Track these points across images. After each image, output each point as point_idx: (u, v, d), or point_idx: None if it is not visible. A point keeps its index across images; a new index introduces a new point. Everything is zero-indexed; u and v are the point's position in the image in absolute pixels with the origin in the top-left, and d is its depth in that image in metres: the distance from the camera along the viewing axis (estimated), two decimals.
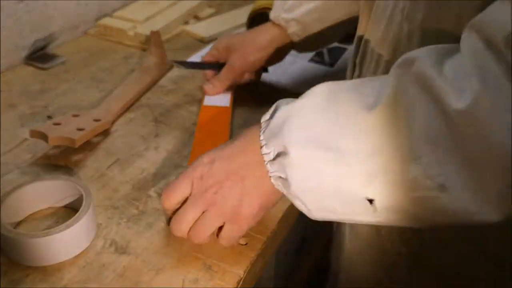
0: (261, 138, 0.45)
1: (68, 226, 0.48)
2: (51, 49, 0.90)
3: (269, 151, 0.44)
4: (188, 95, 0.78)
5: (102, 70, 0.84)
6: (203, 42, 0.95)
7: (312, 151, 0.41)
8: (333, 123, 0.41)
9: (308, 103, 0.43)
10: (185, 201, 0.49)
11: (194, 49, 0.92)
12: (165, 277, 0.48)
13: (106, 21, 0.96)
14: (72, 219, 0.49)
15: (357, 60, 0.60)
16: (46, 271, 0.48)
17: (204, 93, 0.75)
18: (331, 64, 0.88)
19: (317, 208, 0.44)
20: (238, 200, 0.46)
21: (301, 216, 0.48)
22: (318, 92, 0.43)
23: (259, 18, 0.92)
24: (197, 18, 1.04)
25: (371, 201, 0.40)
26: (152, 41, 0.82)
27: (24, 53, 0.86)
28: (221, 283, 0.48)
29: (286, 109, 0.44)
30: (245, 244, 0.52)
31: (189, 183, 0.48)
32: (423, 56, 0.38)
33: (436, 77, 0.36)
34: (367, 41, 0.57)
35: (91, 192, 0.53)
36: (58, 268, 0.49)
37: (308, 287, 1.01)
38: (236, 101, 0.75)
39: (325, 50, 0.92)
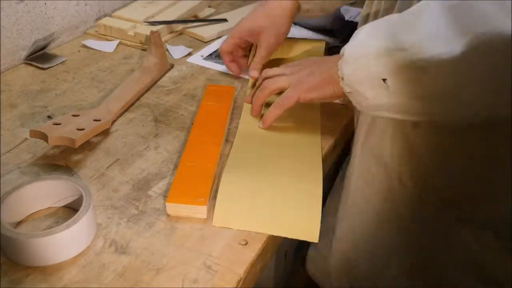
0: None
1: (68, 226, 0.48)
2: (51, 49, 0.91)
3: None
4: (188, 95, 0.78)
5: (102, 70, 0.84)
6: (203, 42, 0.95)
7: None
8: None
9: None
10: None
11: (194, 49, 0.92)
12: (165, 277, 0.48)
13: (106, 21, 0.96)
14: (72, 219, 0.49)
15: None
16: (46, 271, 0.48)
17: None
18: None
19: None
20: (307, 75, 0.64)
21: None
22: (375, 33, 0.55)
23: None
24: (197, 18, 1.04)
25: (384, 80, 0.51)
26: (152, 41, 0.82)
27: (24, 53, 0.86)
28: (221, 283, 0.48)
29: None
30: (245, 244, 0.52)
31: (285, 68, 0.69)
32: None
33: None
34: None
35: (91, 192, 0.53)
36: (58, 268, 0.49)
37: (308, 287, 1.01)
38: (238, 98, 0.75)
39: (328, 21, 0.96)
